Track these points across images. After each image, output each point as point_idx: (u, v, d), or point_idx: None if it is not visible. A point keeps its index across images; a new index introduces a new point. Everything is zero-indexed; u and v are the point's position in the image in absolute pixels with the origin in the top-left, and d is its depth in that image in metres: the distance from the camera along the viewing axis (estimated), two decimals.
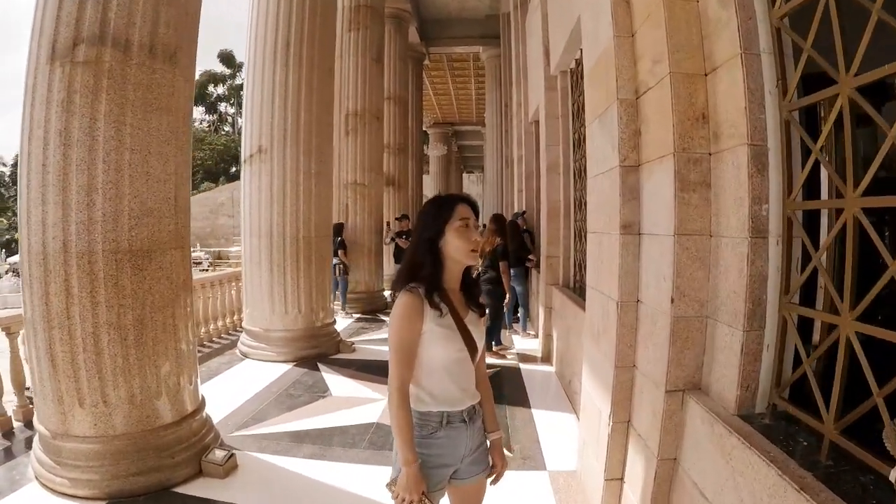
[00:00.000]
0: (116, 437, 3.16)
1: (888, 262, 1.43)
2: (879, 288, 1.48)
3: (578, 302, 4.81)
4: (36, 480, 3.26)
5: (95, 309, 3.08)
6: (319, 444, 4.01)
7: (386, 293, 10.29)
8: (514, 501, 3.13)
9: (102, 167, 3.06)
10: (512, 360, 6.68)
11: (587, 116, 3.48)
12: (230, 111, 50.97)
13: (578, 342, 4.18)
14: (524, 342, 7.63)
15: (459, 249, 1.72)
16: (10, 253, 28.73)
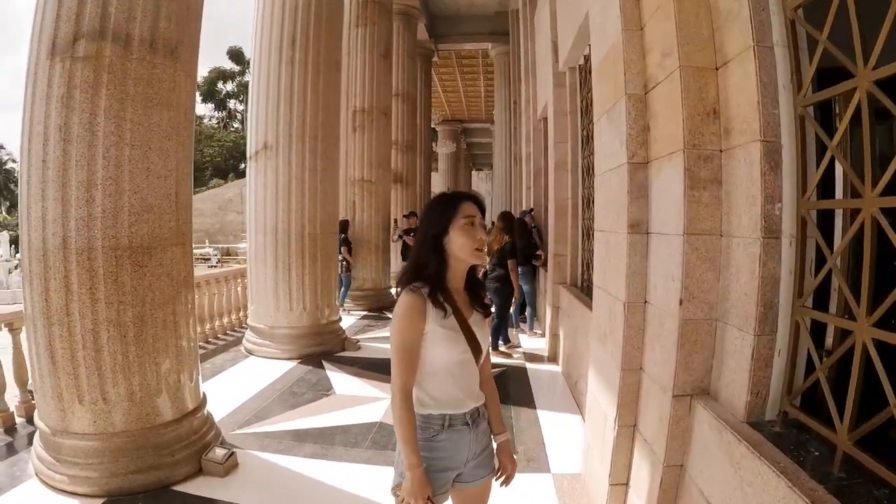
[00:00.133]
0: (116, 434, 3.14)
1: None
2: None
3: (586, 301, 4.74)
4: (36, 477, 3.25)
5: (95, 306, 3.06)
6: (321, 443, 3.98)
7: (393, 290, 10.25)
8: None
9: (102, 163, 3.04)
10: (518, 359, 6.62)
11: (595, 112, 3.41)
12: (239, 108, 51.24)
13: (585, 342, 4.12)
14: (531, 341, 7.57)
15: (464, 248, 1.68)
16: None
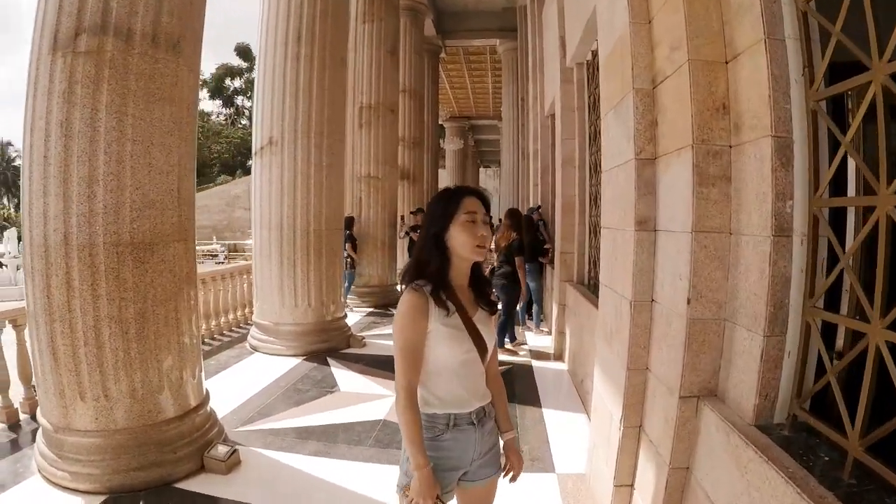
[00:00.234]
0: (117, 431, 3.13)
1: None
2: None
3: (592, 299, 4.70)
4: (39, 474, 3.24)
5: (96, 302, 3.05)
6: (324, 440, 3.95)
7: (399, 287, 10.23)
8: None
9: (104, 158, 3.02)
10: (524, 357, 6.58)
11: (602, 107, 3.36)
12: (247, 104, 51.27)
13: (592, 340, 4.08)
14: (537, 339, 7.52)
15: (465, 245, 1.65)
16: None
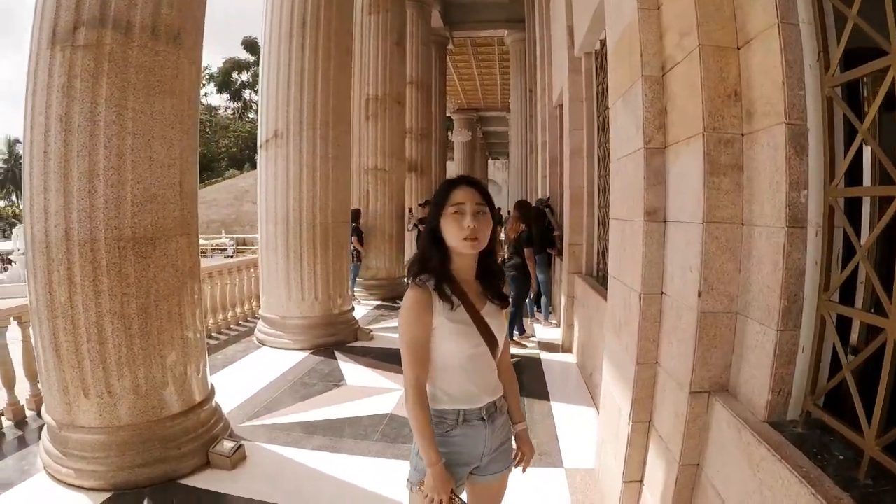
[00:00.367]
0: (121, 427, 3.13)
1: None
2: None
3: (601, 291, 4.64)
4: (44, 471, 3.25)
5: (98, 298, 3.03)
6: (331, 435, 3.94)
7: (406, 280, 10.21)
8: (529, 499, 3.01)
9: (104, 153, 2.99)
10: (533, 349, 6.53)
11: (610, 96, 3.28)
12: (254, 98, 51.33)
13: (600, 333, 4.02)
14: (546, 331, 7.47)
15: (453, 238, 1.61)
16: None
